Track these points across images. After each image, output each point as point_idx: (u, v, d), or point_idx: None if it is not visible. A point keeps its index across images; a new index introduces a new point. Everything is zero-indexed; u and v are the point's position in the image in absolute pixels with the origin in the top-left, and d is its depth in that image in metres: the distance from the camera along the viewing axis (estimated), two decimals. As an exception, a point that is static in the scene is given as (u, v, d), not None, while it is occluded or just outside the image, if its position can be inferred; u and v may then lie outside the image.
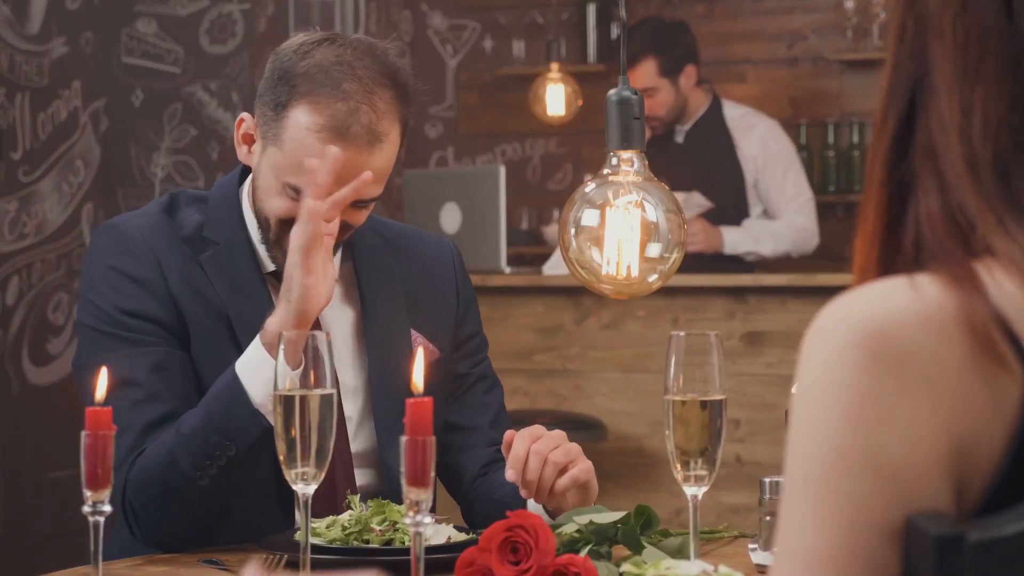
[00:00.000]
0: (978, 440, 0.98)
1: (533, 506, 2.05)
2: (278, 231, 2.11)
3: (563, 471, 1.97)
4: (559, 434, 2.00)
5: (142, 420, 2.04)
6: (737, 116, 5.10)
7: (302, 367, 1.70)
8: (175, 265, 2.11)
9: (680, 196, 4.84)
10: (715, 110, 5.08)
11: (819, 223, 5.07)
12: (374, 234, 2.26)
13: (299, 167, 2.04)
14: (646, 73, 4.95)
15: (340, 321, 2.19)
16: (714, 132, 5.06)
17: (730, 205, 4.99)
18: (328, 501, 2.04)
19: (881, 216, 1.08)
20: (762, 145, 5.05)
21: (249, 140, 2.13)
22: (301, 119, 2.05)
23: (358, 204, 2.10)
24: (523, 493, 1.99)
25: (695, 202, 4.90)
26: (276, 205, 2.10)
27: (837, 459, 0.98)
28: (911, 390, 0.97)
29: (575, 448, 1.99)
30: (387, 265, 2.24)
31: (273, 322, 2.00)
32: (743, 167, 5.02)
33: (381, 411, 2.15)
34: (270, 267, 2.14)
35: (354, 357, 2.19)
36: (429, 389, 2.18)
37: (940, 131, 1.05)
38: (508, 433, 2.00)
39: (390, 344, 2.17)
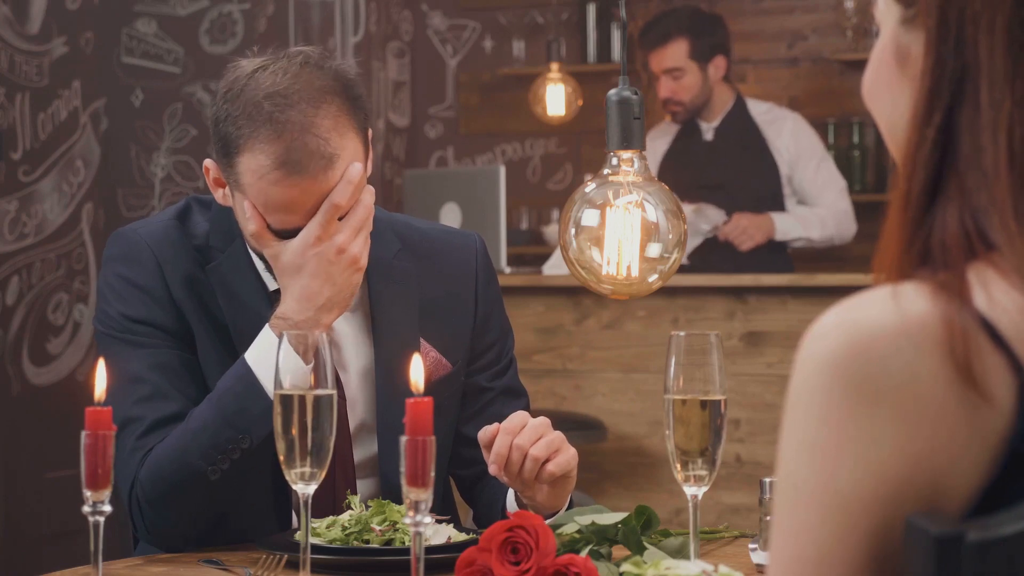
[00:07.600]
0: (955, 453, 0.97)
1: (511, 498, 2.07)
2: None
3: (545, 463, 1.95)
4: (542, 423, 1.97)
5: (151, 415, 2.03)
6: (763, 111, 5.09)
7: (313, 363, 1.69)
8: (179, 273, 2.09)
9: (688, 209, 4.85)
10: (740, 107, 5.07)
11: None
12: (393, 237, 2.19)
13: (267, 211, 2.01)
14: (676, 52, 4.94)
15: (350, 328, 2.15)
16: (744, 128, 5.04)
17: (767, 200, 4.99)
18: (328, 507, 2.04)
19: (910, 217, 1.05)
20: (794, 138, 5.04)
21: (221, 184, 2.08)
22: (251, 165, 1.99)
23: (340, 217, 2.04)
24: (504, 482, 1.99)
25: (708, 216, 4.88)
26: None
27: (792, 490, 1.00)
28: (876, 409, 0.97)
29: (558, 438, 1.96)
30: (403, 271, 2.17)
31: (287, 311, 2.01)
32: (777, 161, 5.02)
33: (385, 421, 2.13)
34: (273, 286, 2.10)
35: (363, 365, 2.15)
36: (439, 402, 2.18)
37: (970, 131, 1.03)
38: (486, 429, 1.97)
39: (398, 354, 2.09)
